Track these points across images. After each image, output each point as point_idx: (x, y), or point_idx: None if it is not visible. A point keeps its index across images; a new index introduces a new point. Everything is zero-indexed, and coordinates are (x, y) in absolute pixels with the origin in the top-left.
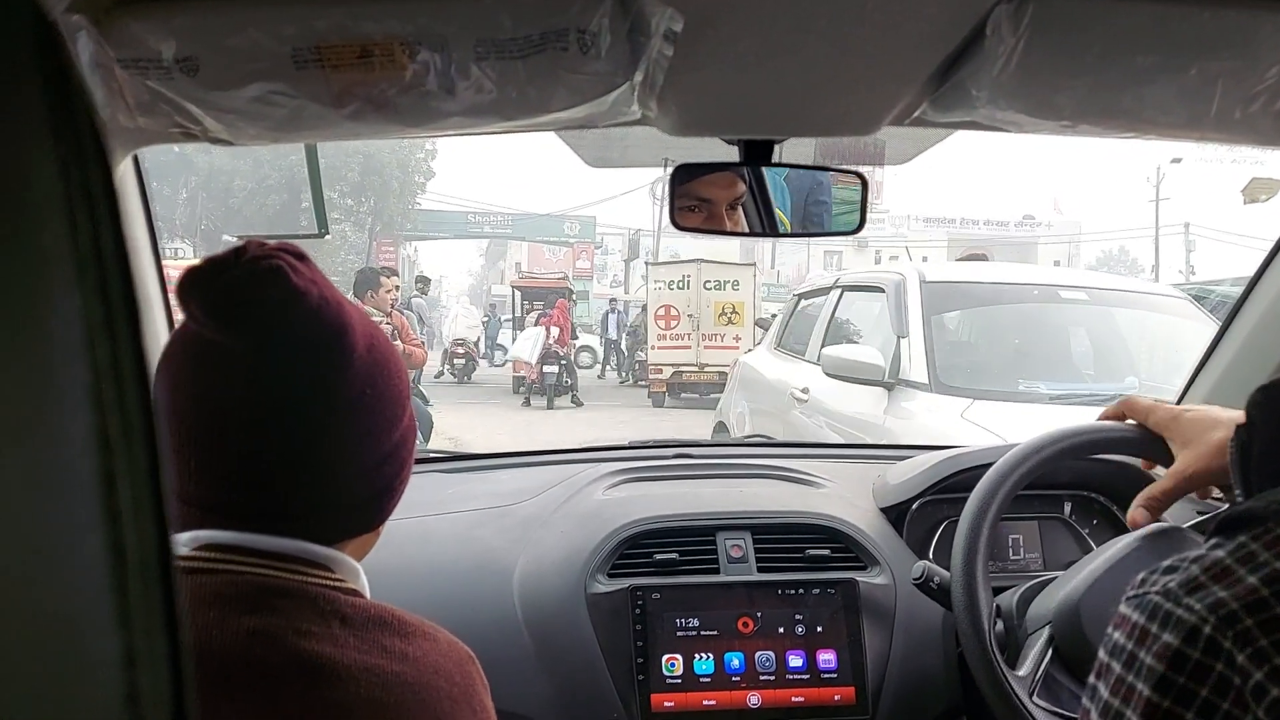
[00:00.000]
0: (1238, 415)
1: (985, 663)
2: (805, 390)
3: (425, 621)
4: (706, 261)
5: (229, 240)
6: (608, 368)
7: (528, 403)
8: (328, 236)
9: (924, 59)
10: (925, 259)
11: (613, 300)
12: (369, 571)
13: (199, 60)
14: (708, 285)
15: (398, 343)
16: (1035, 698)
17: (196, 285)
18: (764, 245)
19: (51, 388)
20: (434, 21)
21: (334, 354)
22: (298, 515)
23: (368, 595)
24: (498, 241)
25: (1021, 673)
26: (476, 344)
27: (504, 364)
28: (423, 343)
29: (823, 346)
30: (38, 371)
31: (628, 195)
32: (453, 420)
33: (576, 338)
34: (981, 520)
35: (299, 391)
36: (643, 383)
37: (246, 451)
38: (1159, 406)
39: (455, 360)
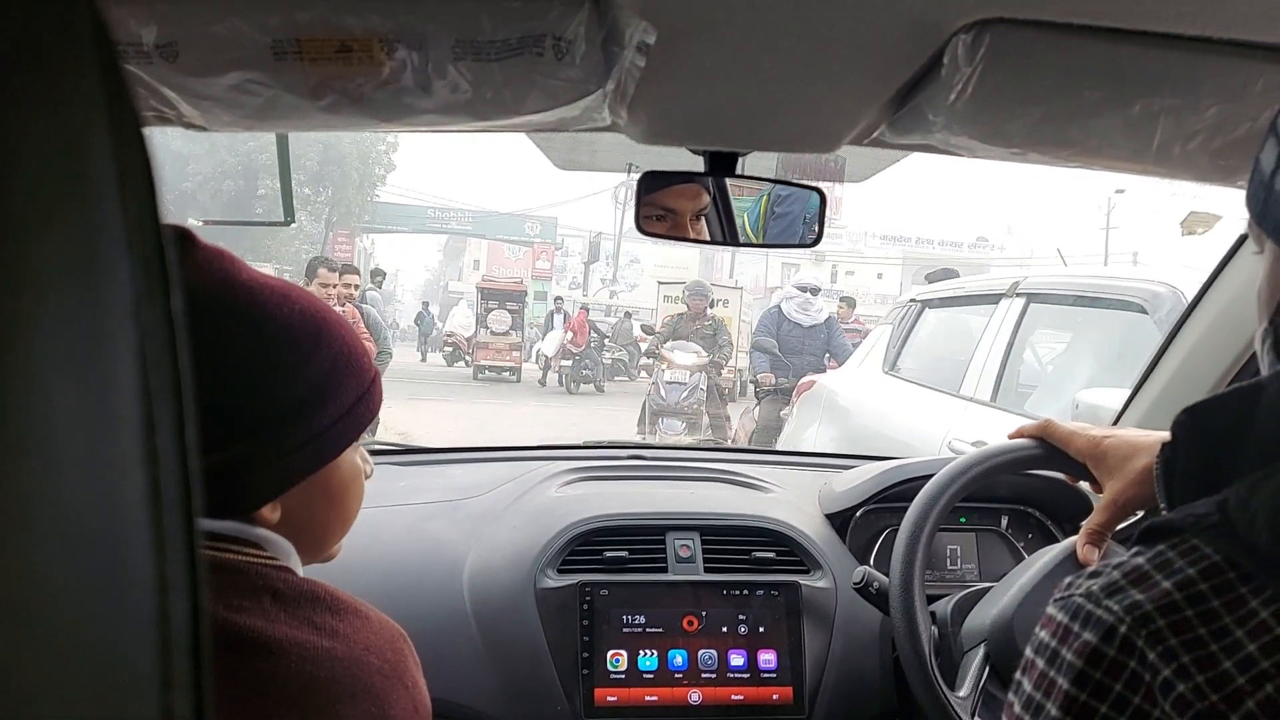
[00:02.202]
0: (1155, 437)
1: (922, 672)
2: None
3: (358, 600)
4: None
5: (194, 225)
6: (550, 373)
7: (568, 391)
8: (293, 225)
9: (884, 83)
10: (880, 275)
11: (558, 300)
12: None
13: (179, 46)
14: None
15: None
16: (975, 717)
17: None
18: (722, 255)
19: (106, 342)
20: (415, 20)
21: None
22: None
23: (300, 574)
24: (456, 238)
25: (962, 693)
26: (468, 339)
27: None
28: (371, 339)
29: (998, 380)
30: (95, 327)
31: (589, 198)
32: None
33: (597, 335)
34: (920, 530)
35: None
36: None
37: None
38: (1078, 434)
39: (445, 349)
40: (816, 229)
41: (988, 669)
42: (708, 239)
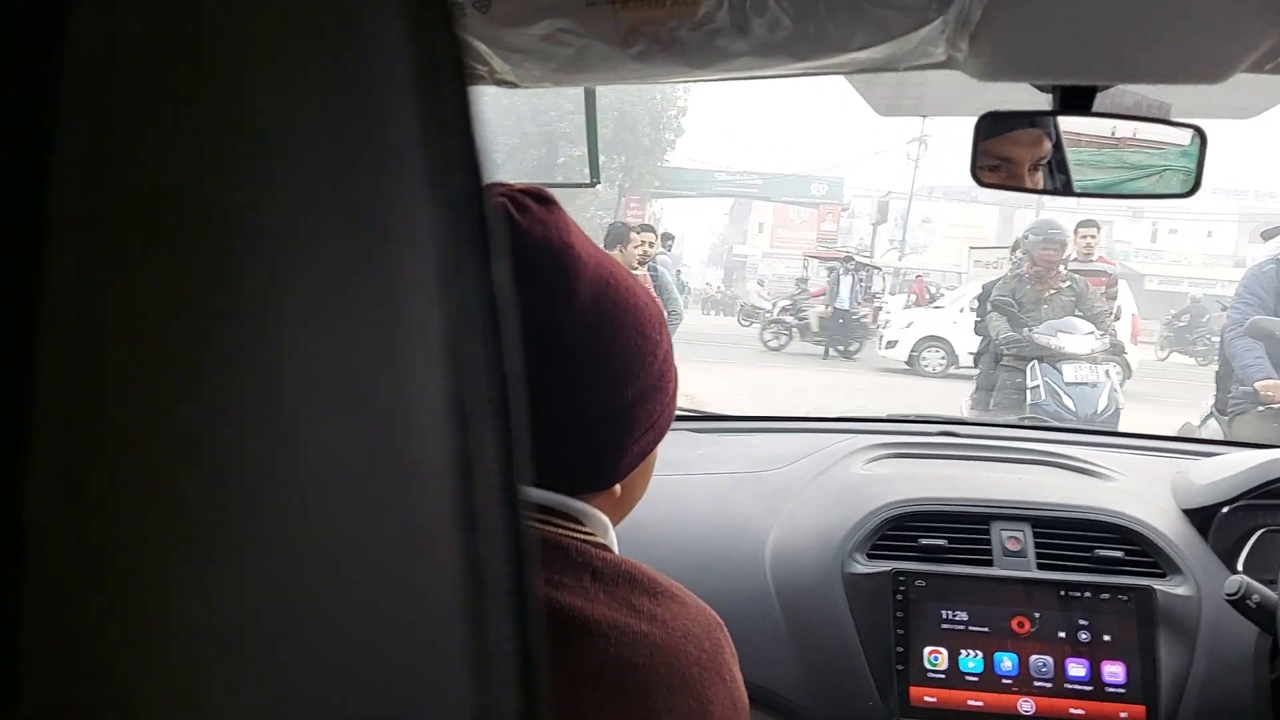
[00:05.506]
0: None
1: None
2: None
3: (673, 583)
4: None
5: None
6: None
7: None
8: (599, 186)
9: None
10: (1210, 234)
11: (848, 258)
12: (624, 524)
13: None
14: None
15: None
16: None
17: None
18: (1023, 215)
19: (401, 335)
20: None
21: (551, 297)
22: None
23: (616, 552)
24: (742, 202)
25: None
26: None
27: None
28: (661, 301)
29: None
30: (389, 318)
31: (879, 155)
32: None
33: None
34: None
35: (522, 330)
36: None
37: None
38: None
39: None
40: (1194, 175)
41: None
42: (1045, 188)
